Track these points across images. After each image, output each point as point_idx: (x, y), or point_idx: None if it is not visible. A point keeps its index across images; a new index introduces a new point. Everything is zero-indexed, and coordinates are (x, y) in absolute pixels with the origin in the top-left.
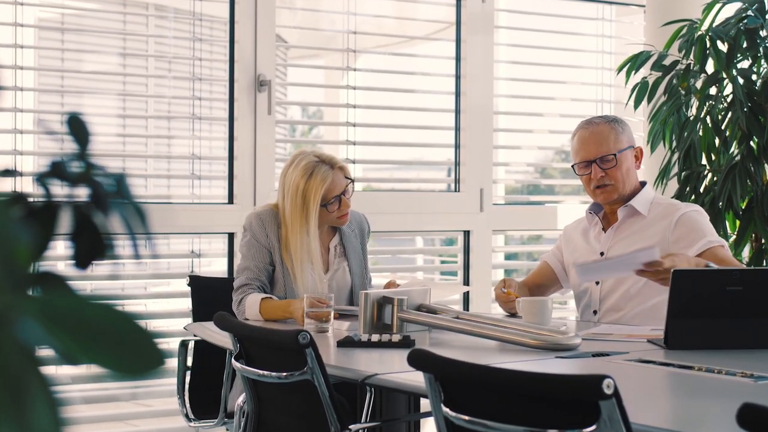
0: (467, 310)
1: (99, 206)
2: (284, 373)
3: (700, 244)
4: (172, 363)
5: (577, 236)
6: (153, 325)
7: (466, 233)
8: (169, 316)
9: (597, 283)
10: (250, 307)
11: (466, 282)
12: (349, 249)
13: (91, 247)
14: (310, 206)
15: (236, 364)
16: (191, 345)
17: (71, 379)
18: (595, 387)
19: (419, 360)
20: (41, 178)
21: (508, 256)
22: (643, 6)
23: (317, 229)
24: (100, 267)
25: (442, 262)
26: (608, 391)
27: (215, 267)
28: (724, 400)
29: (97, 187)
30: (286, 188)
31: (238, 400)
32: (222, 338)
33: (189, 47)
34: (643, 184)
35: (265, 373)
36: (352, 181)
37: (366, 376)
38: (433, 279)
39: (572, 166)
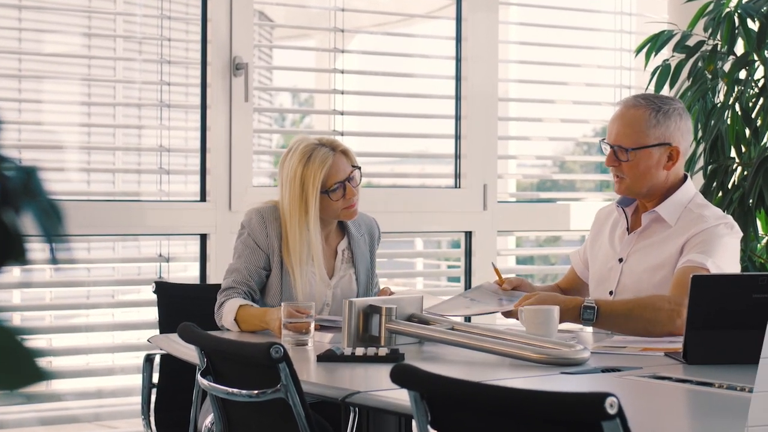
0: (468, 320)
1: (8, 203)
2: (255, 391)
3: (691, 256)
4: (137, 380)
5: (606, 229)
6: (119, 337)
7: (468, 234)
8: (134, 328)
9: (620, 260)
10: (228, 313)
11: (468, 289)
12: (357, 255)
13: (0, 248)
14: (309, 192)
15: (202, 381)
16: (157, 359)
17: (27, 399)
18: (597, 406)
19: (403, 376)
20: None
21: (522, 260)
22: None
23: (318, 221)
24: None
25: (449, 266)
26: (611, 411)
27: (191, 273)
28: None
29: (5, 182)
30: (285, 177)
31: (206, 420)
32: (189, 352)
33: (158, 26)
34: (684, 179)
35: (235, 390)
36: (359, 168)
37: (347, 394)
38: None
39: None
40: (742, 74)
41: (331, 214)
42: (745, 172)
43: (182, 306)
